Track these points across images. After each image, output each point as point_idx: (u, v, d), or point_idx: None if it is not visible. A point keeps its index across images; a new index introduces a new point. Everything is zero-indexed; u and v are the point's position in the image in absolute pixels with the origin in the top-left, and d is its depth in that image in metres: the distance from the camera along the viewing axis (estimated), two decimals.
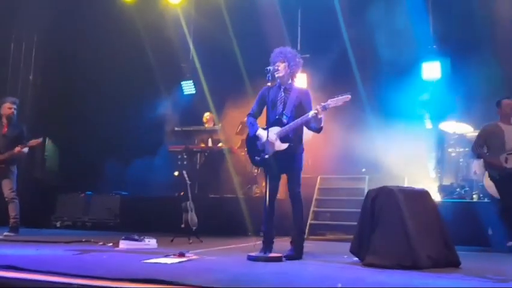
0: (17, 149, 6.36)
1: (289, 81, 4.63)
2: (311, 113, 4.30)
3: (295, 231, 4.52)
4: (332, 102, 4.26)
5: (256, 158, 4.54)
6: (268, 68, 4.47)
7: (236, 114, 8.96)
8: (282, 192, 5.09)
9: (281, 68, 4.53)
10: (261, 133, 4.54)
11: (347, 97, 4.25)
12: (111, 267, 3.44)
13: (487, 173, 6.95)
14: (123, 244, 5.02)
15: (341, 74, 8.61)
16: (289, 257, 4.26)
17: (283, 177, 4.65)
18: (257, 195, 8.23)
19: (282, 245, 4.61)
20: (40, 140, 6.53)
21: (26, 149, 6.49)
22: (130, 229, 6.94)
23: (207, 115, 8.93)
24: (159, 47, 9.75)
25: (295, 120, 4.41)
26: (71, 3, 9.78)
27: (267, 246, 4.40)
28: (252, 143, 4.64)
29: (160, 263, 3.70)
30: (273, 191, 4.53)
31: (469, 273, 3.59)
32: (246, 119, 4.82)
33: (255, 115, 4.74)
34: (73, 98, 9.92)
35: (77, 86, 9.92)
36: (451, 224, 4.24)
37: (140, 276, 2.77)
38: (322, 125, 4.37)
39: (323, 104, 4.27)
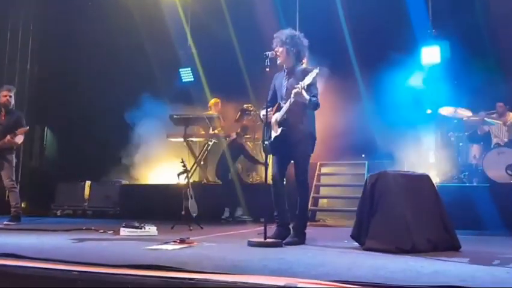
0: (8, 138, 6.33)
1: (293, 64, 4.53)
2: (292, 93, 4.24)
3: (298, 217, 4.51)
4: (306, 80, 4.21)
5: (265, 143, 4.55)
6: (266, 53, 4.39)
7: (235, 101, 8.93)
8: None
9: (280, 53, 4.46)
10: (260, 112, 4.60)
11: (315, 71, 4.21)
12: (111, 255, 3.45)
13: (486, 157, 6.98)
14: (123, 231, 5.03)
15: (339, 60, 8.55)
16: (289, 243, 4.26)
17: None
18: (257, 181, 8.23)
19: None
20: (27, 128, 6.49)
21: (19, 138, 6.45)
22: (130, 217, 6.95)
23: (212, 101, 8.89)
24: (156, 34, 9.68)
25: (286, 103, 4.39)
26: None
27: (282, 231, 4.40)
28: (264, 130, 4.64)
29: (160, 249, 3.71)
30: (277, 176, 4.50)
31: (468, 256, 3.61)
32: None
33: (269, 103, 4.61)
34: (71, 86, 9.88)
35: (75, 74, 9.87)
36: (451, 208, 4.22)
37: (141, 262, 2.77)
38: (308, 99, 4.27)
39: (300, 83, 4.23)
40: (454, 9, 8.28)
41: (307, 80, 4.22)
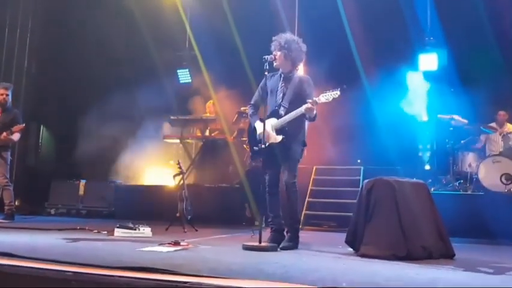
0: (3, 135, 6.31)
1: (290, 69, 4.55)
2: (304, 108, 4.28)
3: (290, 222, 4.51)
4: (322, 97, 4.26)
5: (254, 148, 4.54)
6: (265, 56, 4.41)
7: (233, 104, 8.92)
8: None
9: (278, 57, 4.48)
10: (257, 126, 4.55)
11: (336, 93, 4.24)
12: (106, 255, 3.43)
13: (481, 166, 7.00)
14: (118, 232, 5.01)
15: (338, 66, 8.59)
16: (285, 247, 4.27)
17: None
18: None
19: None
20: (23, 125, 6.47)
21: (15, 136, 6.43)
22: (124, 217, 6.94)
23: (210, 103, 8.89)
24: (156, 34, 9.66)
25: (290, 113, 4.39)
26: None
27: (277, 236, 4.41)
28: (252, 133, 4.66)
29: (155, 251, 3.69)
30: (272, 181, 4.51)
31: (463, 265, 3.62)
32: (246, 108, 4.80)
33: (255, 104, 4.71)
34: (68, 85, 9.84)
35: (73, 73, 9.84)
36: (445, 215, 4.24)
37: (135, 264, 2.76)
38: (315, 113, 4.34)
39: (315, 98, 4.27)
40: (453, 19, 8.34)
41: (324, 98, 4.24)
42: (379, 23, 8.58)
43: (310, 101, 4.25)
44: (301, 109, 4.30)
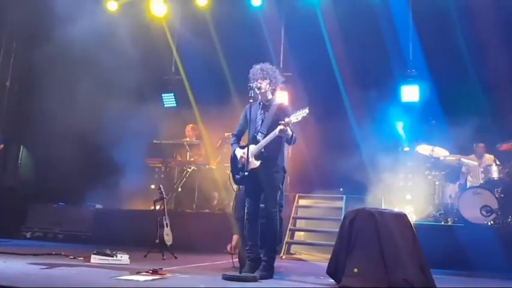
0: None
1: (270, 97, 4.69)
2: (278, 130, 4.33)
3: (268, 251, 4.48)
4: (293, 117, 4.33)
5: (236, 176, 4.57)
6: (250, 84, 4.52)
7: (218, 129, 8.91)
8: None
9: (263, 85, 4.59)
10: (237, 152, 4.63)
11: (305, 111, 4.33)
12: (80, 284, 3.33)
13: (462, 197, 7.06)
14: (94, 259, 4.88)
15: (322, 95, 8.69)
16: (261, 277, 4.21)
17: None
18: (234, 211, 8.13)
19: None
20: (1, 146, 6.35)
21: None
22: (102, 243, 6.79)
23: (189, 127, 8.86)
24: (143, 58, 9.67)
25: (266, 138, 4.45)
26: (53, 10, 9.64)
27: (253, 265, 4.36)
28: (234, 162, 4.67)
29: (132, 280, 3.60)
30: (252, 209, 4.49)
31: None
32: (228, 136, 4.83)
33: (238, 134, 4.80)
34: (50, 106, 9.71)
35: (56, 94, 9.73)
36: (425, 247, 4.23)
37: None
38: (291, 135, 4.40)
39: (286, 119, 4.32)
40: (435, 51, 8.55)
41: (294, 118, 4.31)
42: (362, 55, 8.75)
43: (282, 122, 4.31)
44: (276, 131, 4.35)
